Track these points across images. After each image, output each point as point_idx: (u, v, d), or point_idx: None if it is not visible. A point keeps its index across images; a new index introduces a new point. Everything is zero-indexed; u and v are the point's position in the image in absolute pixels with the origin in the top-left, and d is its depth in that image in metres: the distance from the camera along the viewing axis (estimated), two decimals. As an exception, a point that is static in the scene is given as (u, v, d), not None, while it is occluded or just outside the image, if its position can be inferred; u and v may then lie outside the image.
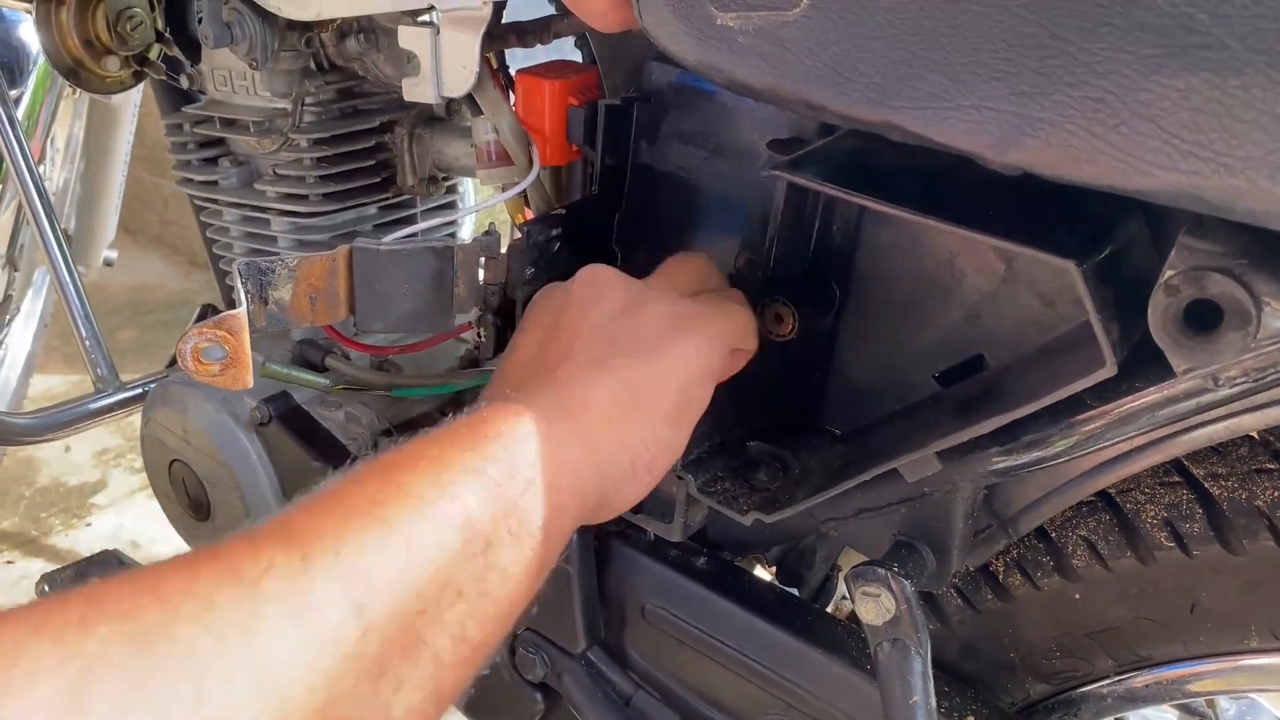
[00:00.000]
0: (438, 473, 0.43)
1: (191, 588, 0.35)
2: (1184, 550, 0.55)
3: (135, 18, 0.93)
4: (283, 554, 0.37)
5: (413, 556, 0.40)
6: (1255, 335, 0.40)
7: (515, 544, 0.44)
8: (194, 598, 0.34)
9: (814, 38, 0.45)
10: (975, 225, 0.47)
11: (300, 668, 0.35)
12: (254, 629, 0.35)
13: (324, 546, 0.38)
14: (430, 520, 0.41)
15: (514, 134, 0.68)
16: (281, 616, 0.35)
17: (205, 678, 0.33)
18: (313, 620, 0.36)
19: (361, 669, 0.37)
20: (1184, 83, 0.36)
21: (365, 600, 0.37)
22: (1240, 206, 0.36)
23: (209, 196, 0.91)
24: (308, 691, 0.35)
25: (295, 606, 0.36)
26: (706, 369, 0.55)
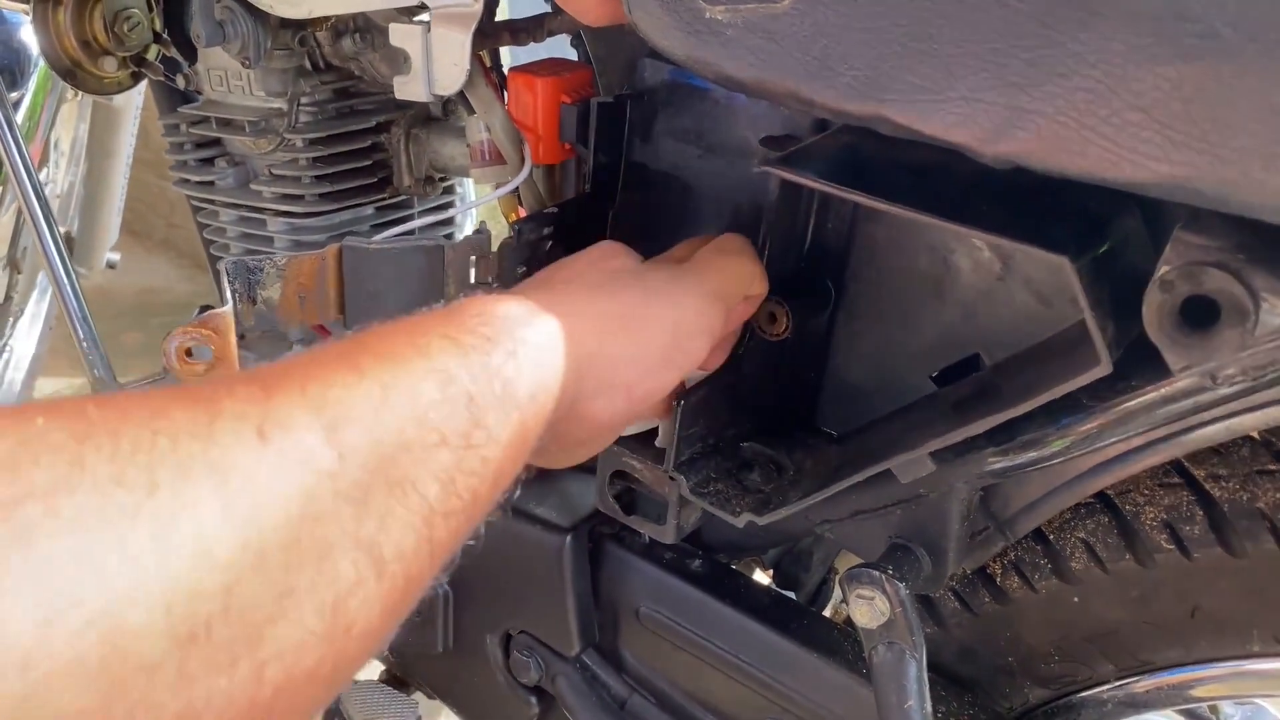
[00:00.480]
0: (413, 336, 0.41)
1: (144, 401, 0.32)
2: (1184, 553, 0.54)
3: (133, 18, 0.93)
4: (244, 385, 0.35)
5: (388, 396, 0.37)
6: (1253, 332, 0.40)
7: (500, 408, 0.42)
8: (146, 408, 0.32)
9: (803, 30, 0.44)
10: (969, 221, 0.46)
11: (267, 473, 0.32)
12: (212, 436, 0.32)
13: (289, 382, 0.36)
14: (405, 371, 0.39)
15: (506, 132, 0.67)
16: (243, 427, 0.33)
17: (158, 471, 0.30)
18: (279, 433, 0.33)
19: (340, 491, 0.34)
20: (1176, 72, 0.35)
21: (337, 424, 0.35)
22: (1236, 199, 0.35)
23: (205, 197, 0.90)
24: (280, 499, 0.32)
25: (258, 420, 0.33)
26: (706, 323, 0.55)
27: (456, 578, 0.79)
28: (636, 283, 0.55)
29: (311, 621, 0.32)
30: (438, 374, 0.40)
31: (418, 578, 0.37)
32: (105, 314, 2.17)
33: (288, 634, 0.32)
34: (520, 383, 0.44)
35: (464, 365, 0.41)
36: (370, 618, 0.35)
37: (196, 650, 0.29)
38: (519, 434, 0.43)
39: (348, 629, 0.34)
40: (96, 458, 0.29)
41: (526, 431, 0.44)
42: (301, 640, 0.32)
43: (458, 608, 0.79)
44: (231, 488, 0.31)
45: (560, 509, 0.73)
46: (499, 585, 0.76)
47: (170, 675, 0.28)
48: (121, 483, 0.29)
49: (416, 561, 0.37)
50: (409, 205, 0.91)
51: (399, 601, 0.36)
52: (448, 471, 0.38)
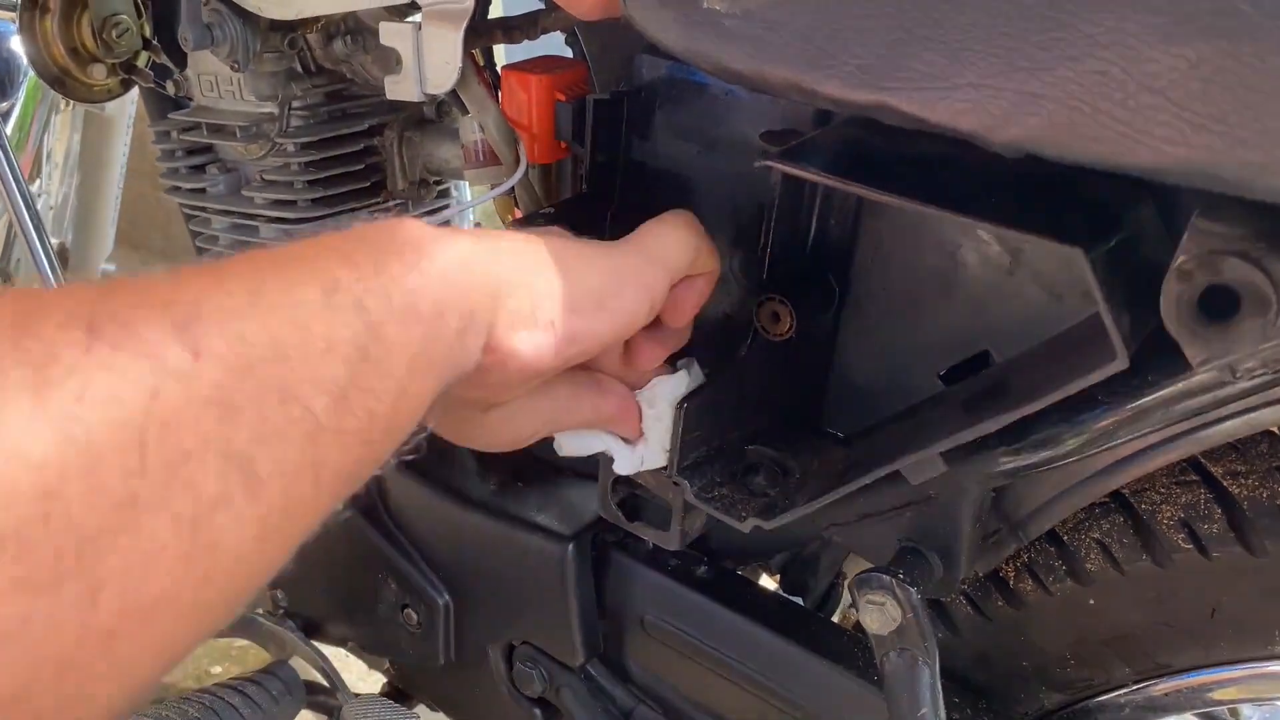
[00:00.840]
0: (299, 250, 0.38)
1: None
2: (1203, 552, 0.53)
3: (121, 24, 0.92)
4: (81, 289, 0.31)
5: (258, 301, 0.33)
6: (1275, 321, 0.38)
7: (400, 322, 0.38)
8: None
9: (804, 19, 0.43)
10: (977, 213, 0.45)
11: (96, 367, 0.28)
12: (34, 331, 0.28)
13: (132, 285, 0.32)
14: (283, 275, 0.35)
15: (500, 132, 0.66)
16: (71, 323, 0.29)
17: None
18: (113, 329, 0.29)
19: (198, 394, 0.30)
20: (1194, 51, 0.33)
21: (190, 323, 0.31)
22: (1260, 184, 0.34)
23: (197, 204, 0.89)
24: (113, 396, 0.28)
25: (87, 316, 0.29)
26: (645, 274, 0.52)
27: (458, 586, 0.78)
28: (570, 237, 0.52)
29: (164, 536, 0.29)
30: (320, 277, 0.36)
31: (302, 502, 0.34)
32: (102, 326, 2.11)
33: (130, 548, 0.28)
34: (424, 296, 0.40)
35: (355, 271, 0.37)
36: (242, 539, 0.31)
37: (5, 560, 0.25)
38: (423, 353, 0.39)
39: (211, 547, 0.30)
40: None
41: (434, 351, 0.40)
42: (149, 557, 0.28)
43: (459, 619, 0.78)
44: (51, 383, 0.27)
45: (561, 516, 0.72)
46: (501, 596, 0.75)
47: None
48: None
49: (299, 483, 0.33)
50: (403, 209, 0.90)
51: (279, 526, 0.33)
52: (339, 384, 0.35)
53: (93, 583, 0.27)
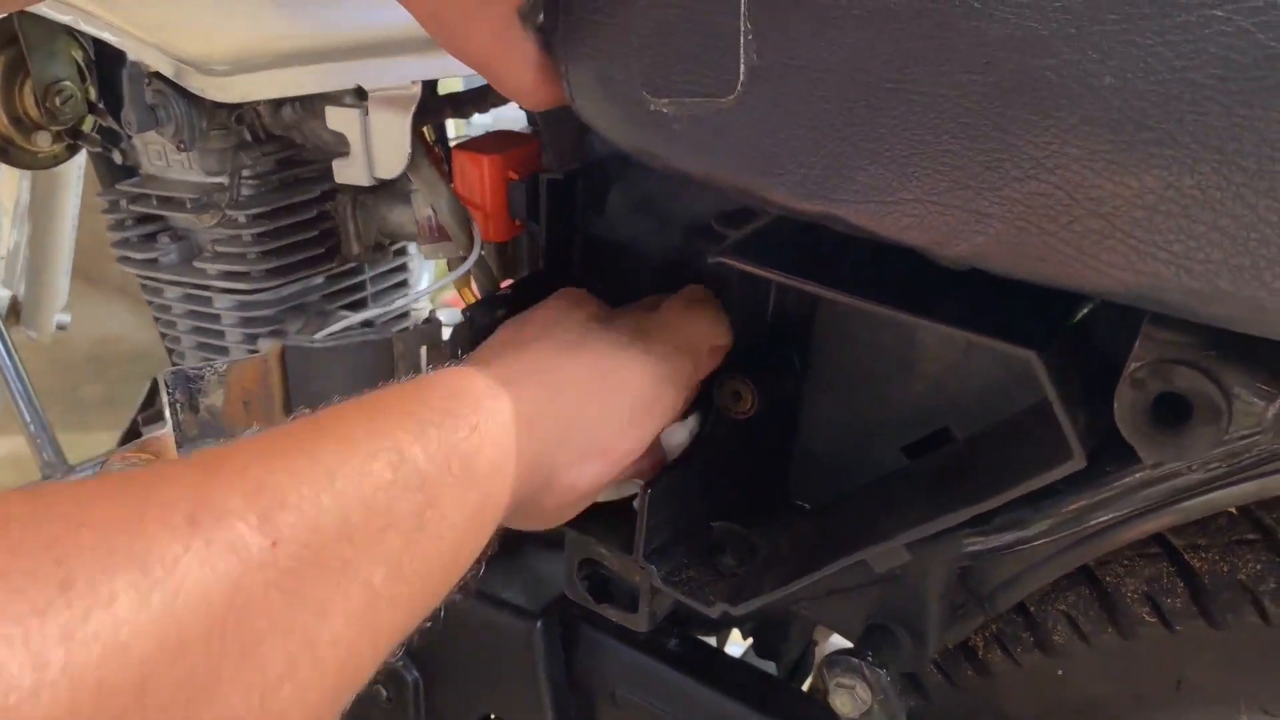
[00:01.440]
0: (369, 416, 0.41)
1: (72, 492, 0.32)
2: (1166, 625, 0.53)
3: (65, 91, 0.90)
4: (183, 470, 0.34)
5: (333, 480, 0.36)
6: (1227, 429, 0.38)
7: (457, 486, 0.41)
8: (73, 500, 0.31)
9: (750, 126, 0.43)
10: (929, 313, 0.45)
11: (191, 562, 0.31)
12: (141, 526, 0.31)
13: (230, 466, 0.35)
14: (356, 452, 0.38)
15: (452, 211, 0.65)
16: (174, 515, 0.32)
17: (74, 564, 0.29)
18: (210, 520, 0.32)
19: (272, 580, 0.33)
20: (1137, 180, 0.33)
21: (273, 511, 0.34)
22: (1204, 311, 0.34)
23: (150, 275, 0.87)
24: (203, 588, 0.31)
25: (190, 507, 0.32)
26: (679, 372, 0.56)
27: (427, 662, 0.77)
28: (605, 334, 0.55)
29: (239, 709, 0.32)
30: (388, 454, 0.39)
31: (359, 662, 0.37)
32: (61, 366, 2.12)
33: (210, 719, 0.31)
34: (481, 459, 0.43)
35: (419, 442, 0.40)
36: (305, 704, 0.34)
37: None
38: (478, 513, 0.43)
39: (279, 715, 0.33)
40: (8, 555, 0.28)
41: (488, 510, 0.44)
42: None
43: (429, 695, 0.77)
44: (152, 579, 0.30)
45: (529, 592, 0.71)
46: (470, 672, 0.74)
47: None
48: (34, 577, 0.28)
49: (357, 648, 0.36)
50: (360, 273, 0.89)
51: (337, 686, 0.36)
52: (395, 556, 0.38)
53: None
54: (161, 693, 0.29)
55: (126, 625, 0.29)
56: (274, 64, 0.64)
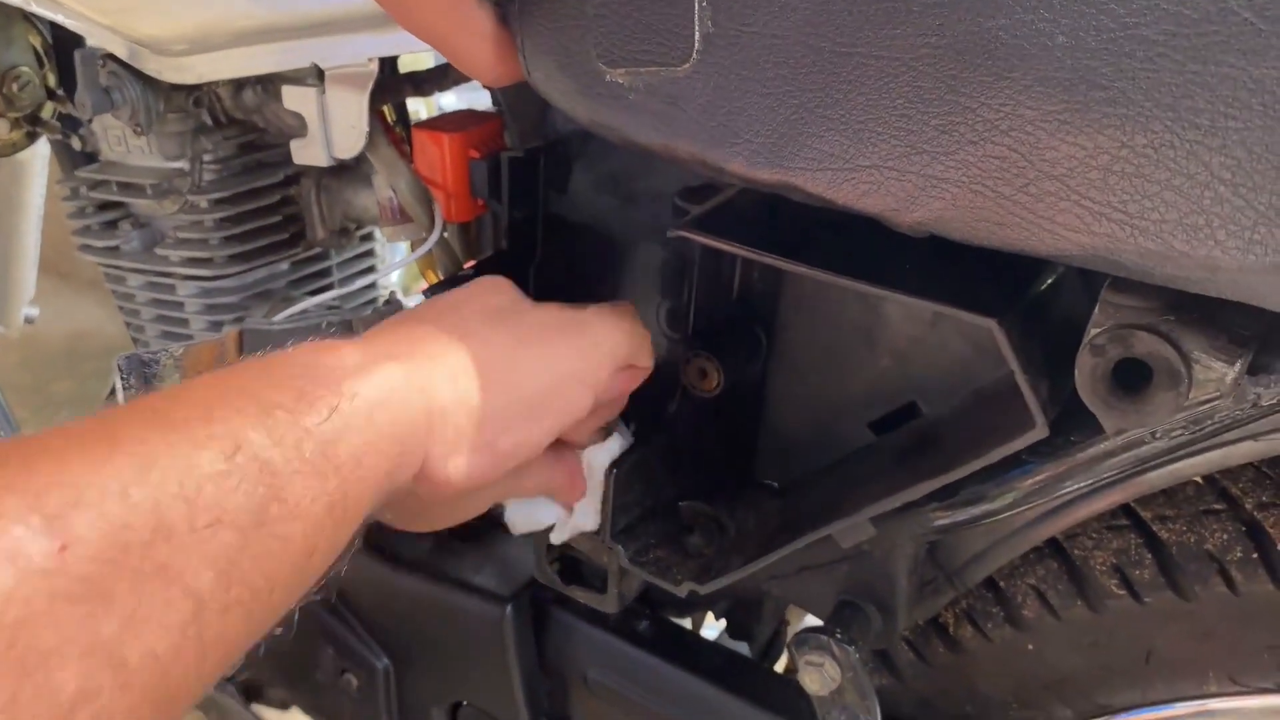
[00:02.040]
0: (204, 398, 0.37)
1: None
2: (1135, 597, 0.53)
3: (22, 77, 0.88)
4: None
5: (147, 474, 0.33)
6: (1187, 394, 0.38)
7: (310, 476, 0.37)
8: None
9: (705, 95, 0.42)
10: (892, 283, 0.44)
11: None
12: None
13: (15, 460, 0.31)
14: (182, 439, 0.34)
15: (413, 192, 0.64)
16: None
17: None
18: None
19: (60, 590, 0.29)
20: (1091, 141, 0.33)
21: (64, 510, 0.30)
22: (1160, 272, 0.33)
23: (111, 263, 0.86)
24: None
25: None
26: (585, 371, 0.51)
27: (397, 649, 0.77)
28: (512, 324, 0.51)
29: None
30: (221, 440, 0.35)
31: (182, 680, 0.33)
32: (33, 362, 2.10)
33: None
34: (342, 445, 0.39)
35: (262, 427, 0.36)
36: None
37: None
38: (336, 506, 0.38)
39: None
40: None
41: (349, 502, 0.39)
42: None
43: (400, 682, 0.76)
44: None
45: (499, 576, 0.70)
46: (441, 658, 0.73)
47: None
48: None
49: (178, 664, 0.32)
50: (325, 258, 0.88)
51: (155, 710, 0.32)
52: (227, 556, 0.34)
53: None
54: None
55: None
56: (230, 43, 0.62)
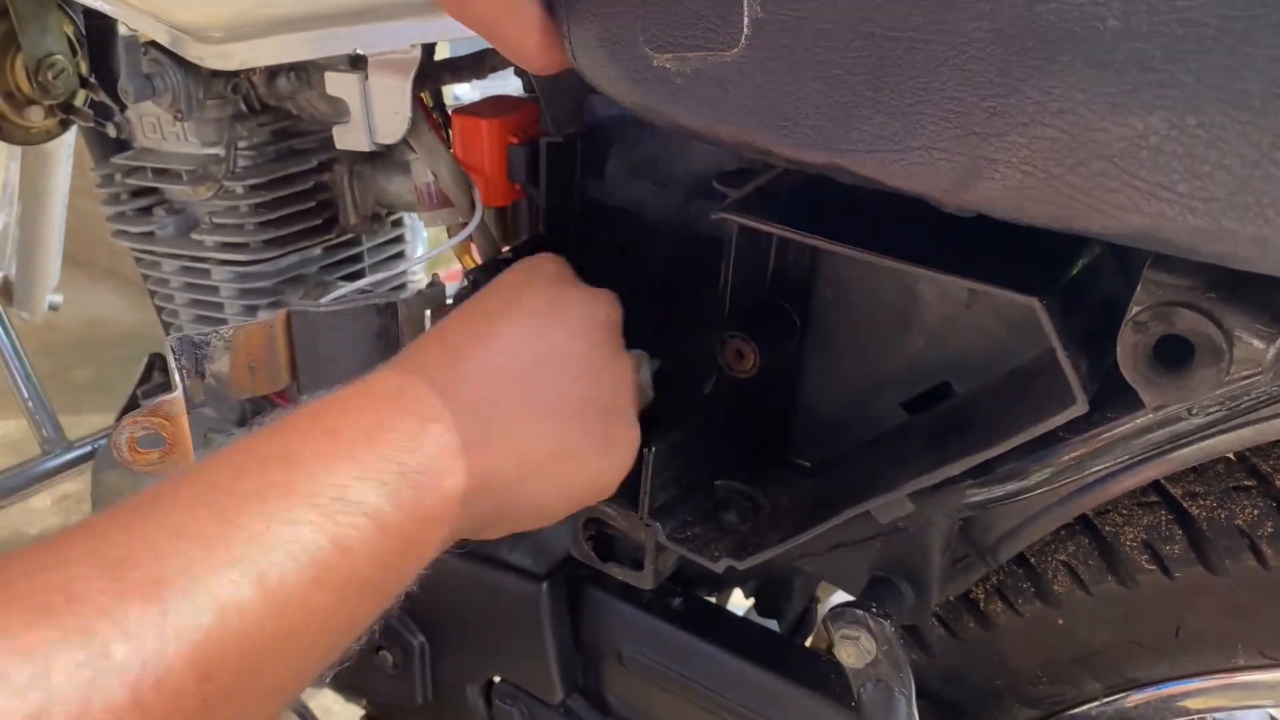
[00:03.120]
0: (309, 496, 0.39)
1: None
2: (1165, 573, 0.54)
3: (56, 65, 0.90)
4: (89, 577, 0.33)
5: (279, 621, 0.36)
6: (1228, 370, 0.39)
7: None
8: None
9: (753, 79, 0.43)
10: (933, 263, 0.45)
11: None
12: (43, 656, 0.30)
13: (141, 578, 0.34)
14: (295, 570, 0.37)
15: (453, 176, 0.66)
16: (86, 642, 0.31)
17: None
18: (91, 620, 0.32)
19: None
20: (1141, 122, 0.34)
21: (212, 670, 0.34)
22: (1208, 249, 0.34)
23: (146, 248, 0.87)
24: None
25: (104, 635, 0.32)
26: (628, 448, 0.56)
27: (433, 626, 0.78)
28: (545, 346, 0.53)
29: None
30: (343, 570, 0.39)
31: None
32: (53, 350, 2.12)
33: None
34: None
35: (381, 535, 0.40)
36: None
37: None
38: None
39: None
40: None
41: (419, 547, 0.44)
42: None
43: (435, 658, 0.77)
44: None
45: (534, 554, 0.72)
46: (476, 636, 0.75)
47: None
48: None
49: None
50: (357, 244, 0.89)
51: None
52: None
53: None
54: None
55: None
56: (272, 30, 0.63)
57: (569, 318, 0.54)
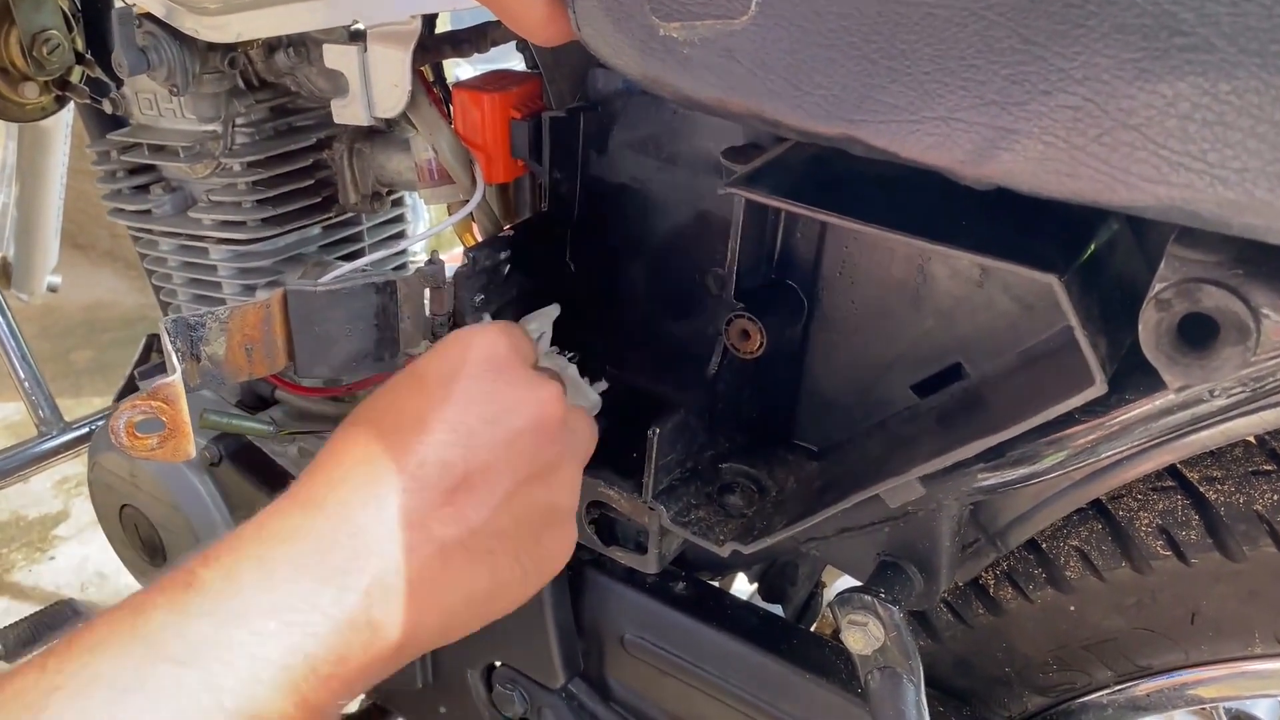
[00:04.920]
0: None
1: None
2: (1181, 559, 0.53)
3: (51, 40, 0.88)
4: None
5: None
6: (1255, 349, 0.38)
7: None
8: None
9: (764, 48, 0.41)
10: (947, 239, 0.44)
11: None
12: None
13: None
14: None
15: (454, 152, 0.64)
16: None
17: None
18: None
19: None
20: (1170, 89, 0.32)
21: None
22: (1239, 221, 0.33)
23: (143, 226, 0.86)
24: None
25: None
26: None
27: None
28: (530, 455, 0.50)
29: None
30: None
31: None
32: (53, 332, 2.11)
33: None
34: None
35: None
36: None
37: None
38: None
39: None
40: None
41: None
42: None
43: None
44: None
45: (536, 538, 0.70)
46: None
47: None
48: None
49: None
50: (357, 223, 0.88)
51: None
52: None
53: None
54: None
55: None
56: (268, 1, 0.62)
57: (519, 419, 0.49)
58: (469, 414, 0.48)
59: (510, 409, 0.49)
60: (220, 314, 0.54)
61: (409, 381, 0.50)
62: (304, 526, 0.44)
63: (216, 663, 0.39)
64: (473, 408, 0.48)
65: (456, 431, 0.47)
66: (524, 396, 0.50)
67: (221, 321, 0.54)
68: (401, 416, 0.48)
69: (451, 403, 0.48)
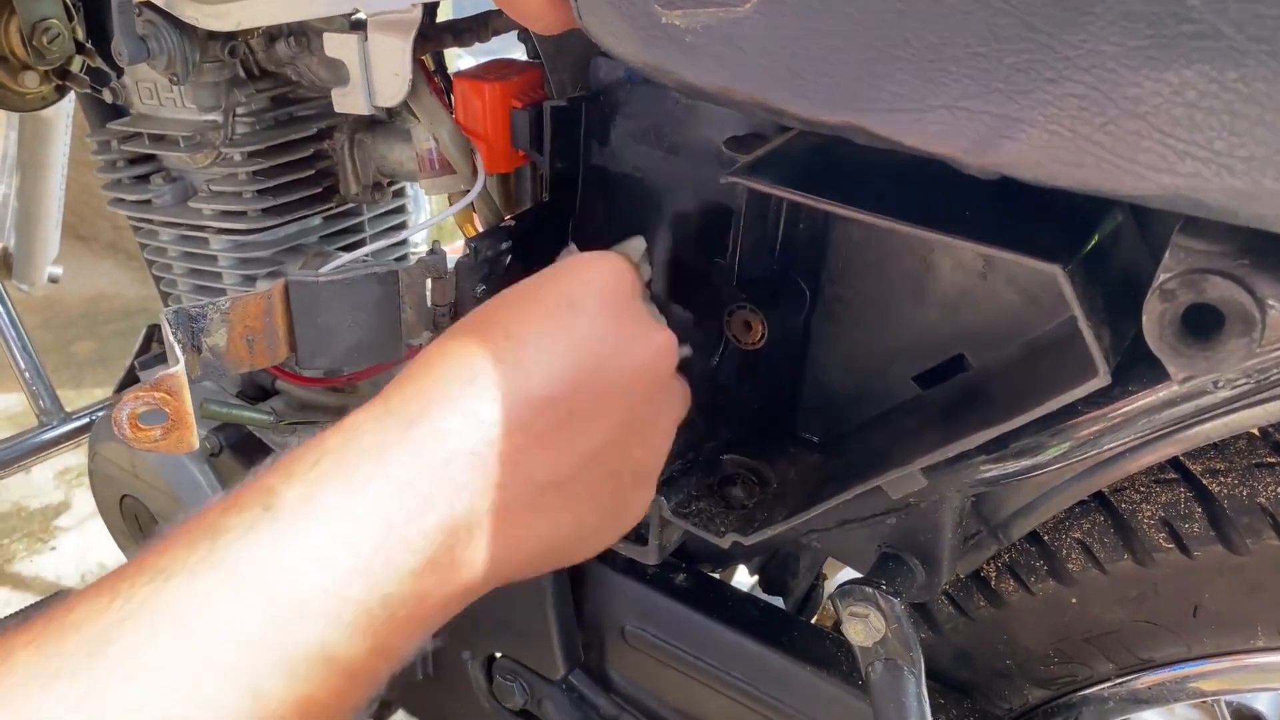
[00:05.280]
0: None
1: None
2: (1184, 551, 0.53)
3: (52, 29, 0.88)
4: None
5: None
6: (1260, 340, 0.37)
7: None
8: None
9: (768, 35, 0.41)
10: (951, 229, 0.44)
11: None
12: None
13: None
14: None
15: (454, 142, 0.64)
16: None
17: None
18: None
19: None
20: (1177, 76, 0.32)
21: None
22: (1246, 211, 0.33)
23: (143, 216, 0.86)
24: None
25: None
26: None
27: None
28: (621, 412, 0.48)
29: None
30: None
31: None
32: (54, 323, 2.11)
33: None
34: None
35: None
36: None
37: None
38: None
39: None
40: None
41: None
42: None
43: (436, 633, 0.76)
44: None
45: (536, 529, 0.70)
46: (477, 611, 0.73)
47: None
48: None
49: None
50: (358, 213, 0.87)
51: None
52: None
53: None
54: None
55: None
56: (269, -11, 0.62)
57: (632, 363, 0.48)
58: (584, 352, 0.46)
59: (625, 351, 0.47)
60: (221, 305, 0.53)
61: (527, 304, 0.48)
62: (395, 447, 0.41)
63: (290, 601, 0.37)
64: (589, 345, 0.46)
65: (567, 369, 0.45)
66: (642, 341, 0.48)
67: (223, 312, 0.53)
68: (513, 342, 0.45)
69: (568, 336, 0.46)
